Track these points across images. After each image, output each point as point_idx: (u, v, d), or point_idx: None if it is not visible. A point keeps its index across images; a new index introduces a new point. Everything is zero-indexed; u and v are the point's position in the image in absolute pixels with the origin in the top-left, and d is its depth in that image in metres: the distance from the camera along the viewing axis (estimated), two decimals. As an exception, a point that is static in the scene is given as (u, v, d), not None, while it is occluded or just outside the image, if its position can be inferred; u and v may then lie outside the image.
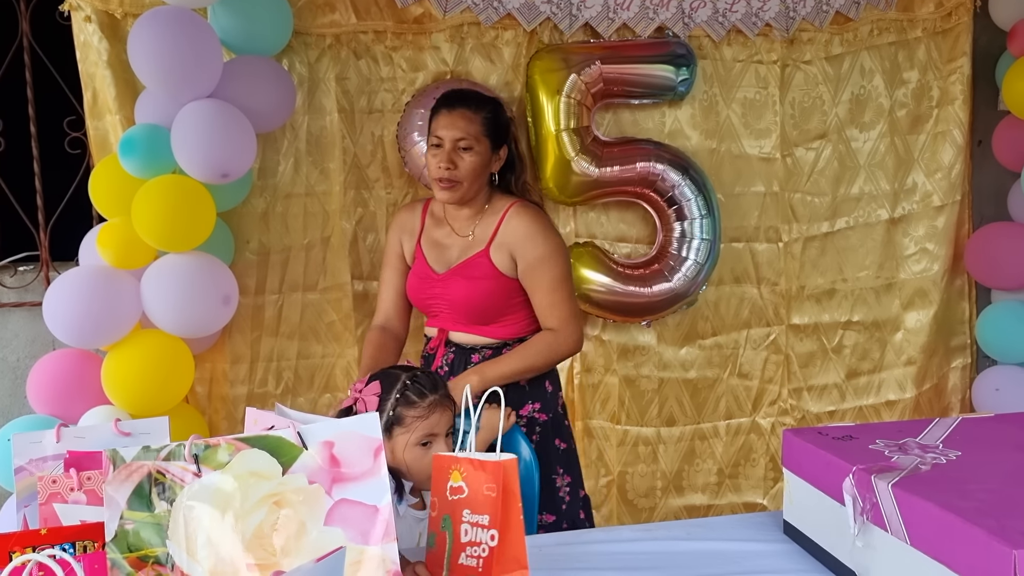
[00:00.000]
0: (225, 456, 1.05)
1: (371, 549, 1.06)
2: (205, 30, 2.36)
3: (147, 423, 1.35)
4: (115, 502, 0.99)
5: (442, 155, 2.19)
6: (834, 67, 3.13)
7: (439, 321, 2.29)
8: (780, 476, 3.23)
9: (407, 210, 2.41)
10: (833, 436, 1.46)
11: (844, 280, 3.23)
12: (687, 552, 1.51)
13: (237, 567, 1.02)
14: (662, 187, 2.93)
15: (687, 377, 3.18)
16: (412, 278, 2.32)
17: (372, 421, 1.09)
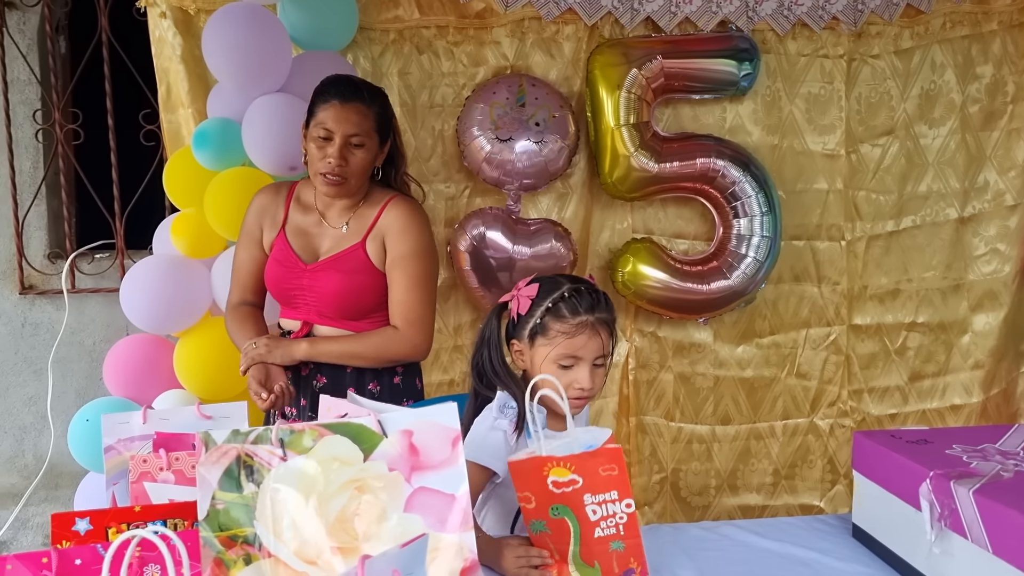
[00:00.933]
0: (309, 441, 1.08)
1: (448, 537, 1.07)
2: (276, 26, 2.41)
3: (227, 407, 1.40)
4: (207, 482, 1.03)
5: (332, 150, 2.06)
6: (903, 61, 3.08)
7: (302, 313, 2.18)
8: (838, 479, 3.19)
9: (268, 194, 2.24)
10: (907, 440, 1.44)
11: (909, 280, 3.17)
12: (755, 551, 1.50)
13: (320, 549, 1.04)
14: (722, 183, 2.91)
15: (743, 376, 3.16)
16: (274, 266, 2.19)
17: (450, 411, 1.11)
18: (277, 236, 2.19)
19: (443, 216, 2.97)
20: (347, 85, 2.14)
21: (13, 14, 3.17)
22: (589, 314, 1.62)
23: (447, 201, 2.98)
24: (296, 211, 2.21)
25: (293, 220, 2.20)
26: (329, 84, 2.14)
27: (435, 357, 3.01)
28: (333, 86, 2.13)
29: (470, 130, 2.82)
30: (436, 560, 1.07)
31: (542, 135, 2.78)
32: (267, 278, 2.20)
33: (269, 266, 2.20)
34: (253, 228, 2.23)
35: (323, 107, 2.08)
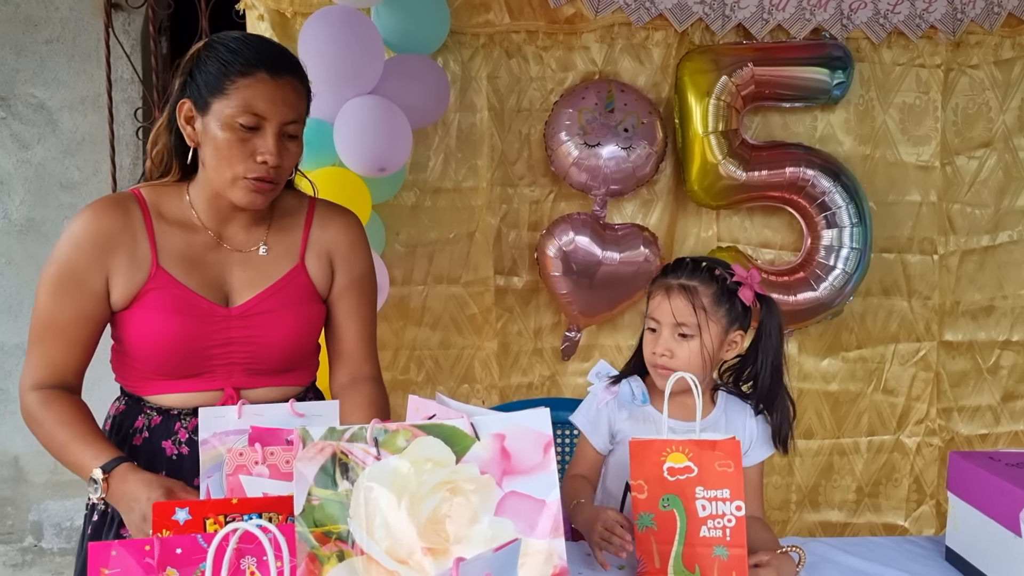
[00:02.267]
0: (403, 441, 1.09)
1: (538, 543, 1.08)
2: (369, 29, 2.45)
3: (319, 406, 1.42)
4: (304, 478, 1.05)
5: (266, 144, 1.47)
6: (1003, 72, 2.98)
7: (220, 380, 1.55)
8: (924, 499, 3.10)
9: (108, 213, 1.51)
10: (1006, 462, 1.40)
11: (1004, 297, 3.07)
12: (843, 569, 1.47)
13: (412, 550, 1.06)
14: (811, 193, 2.86)
15: (828, 389, 3.09)
16: (172, 321, 1.50)
17: (543, 416, 1.12)
18: (151, 276, 1.51)
19: (527, 220, 2.99)
20: (271, 51, 1.53)
21: (119, 15, 3.31)
22: (672, 278, 1.63)
23: (531, 205, 2.99)
24: (166, 234, 1.54)
25: (167, 247, 1.53)
26: (242, 46, 1.49)
27: (515, 359, 3.03)
28: (250, 49, 1.49)
29: (558, 135, 2.83)
30: (525, 566, 1.07)
31: (630, 141, 2.78)
32: (156, 340, 1.51)
33: (155, 322, 1.50)
34: (84, 266, 1.49)
35: (243, 82, 1.46)
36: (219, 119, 1.46)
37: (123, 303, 1.51)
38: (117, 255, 1.50)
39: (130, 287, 1.50)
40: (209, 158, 1.49)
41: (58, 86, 3.31)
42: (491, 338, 3.00)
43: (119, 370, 1.61)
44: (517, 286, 3.02)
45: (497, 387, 3.02)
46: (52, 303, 1.49)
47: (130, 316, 1.51)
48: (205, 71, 1.48)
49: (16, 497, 3.43)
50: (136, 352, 1.53)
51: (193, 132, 1.50)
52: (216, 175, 1.50)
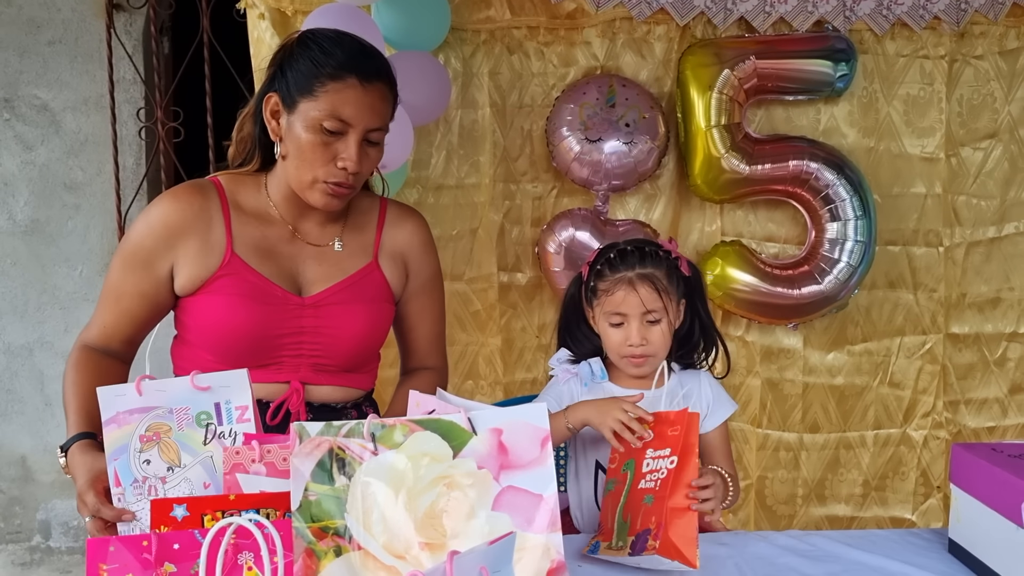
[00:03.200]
0: (400, 436, 1.09)
1: (535, 537, 1.08)
2: (369, 26, 2.45)
3: (224, 376, 1.30)
4: (300, 474, 1.06)
5: (348, 149, 1.48)
6: (1008, 62, 2.96)
7: (287, 372, 1.55)
8: (931, 492, 3.09)
9: (186, 197, 1.54)
10: (1008, 453, 1.39)
11: (1011, 289, 3.05)
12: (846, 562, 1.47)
13: (409, 544, 1.06)
14: (815, 186, 2.85)
15: (833, 383, 3.08)
16: (244, 306, 1.51)
17: (540, 411, 1.12)
18: (224, 262, 1.52)
19: (530, 216, 2.98)
20: (364, 56, 1.53)
21: (120, 16, 3.31)
22: (628, 270, 1.67)
23: (534, 201, 2.99)
24: (242, 223, 1.56)
25: (243, 236, 1.55)
26: (335, 47, 1.50)
27: (519, 355, 3.03)
28: (343, 52, 1.49)
29: (559, 130, 2.82)
30: (523, 560, 1.07)
31: (632, 136, 2.77)
32: (227, 325, 1.50)
33: (227, 307, 1.50)
34: (152, 247, 1.52)
35: (333, 85, 1.46)
36: (304, 119, 1.47)
37: (192, 288, 1.52)
38: (188, 241, 1.51)
39: (200, 272, 1.51)
40: (291, 156, 1.50)
41: (61, 87, 3.32)
42: (495, 334, 3.00)
43: (179, 362, 1.61)
44: (520, 282, 3.02)
45: (501, 383, 3.02)
46: (117, 275, 1.54)
47: (200, 301, 1.52)
48: (296, 69, 1.49)
49: (24, 496, 3.44)
50: (204, 339, 1.53)
51: (277, 127, 1.51)
52: (295, 174, 1.51)
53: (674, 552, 1.33)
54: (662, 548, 1.33)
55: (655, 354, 1.68)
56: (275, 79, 1.52)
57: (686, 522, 1.36)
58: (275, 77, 1.52)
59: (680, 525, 1.35)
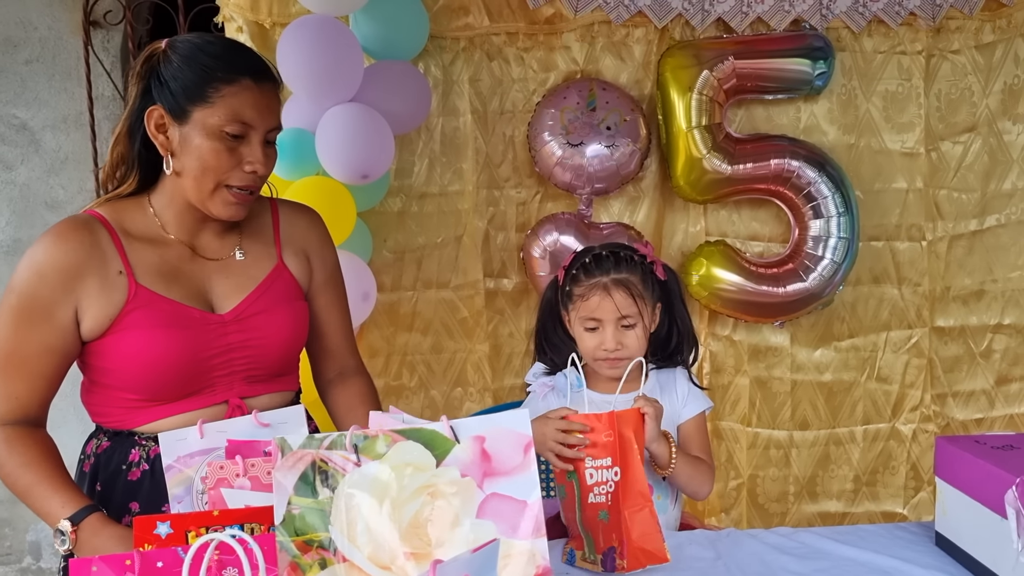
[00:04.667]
0: (383, 447, 1.09)
1: (521, 544, 1.08)
2: (348, 37, 2.45)
3: (283, 413, 1.38)
4: (283, 487, 1.05)
5: (253, 152, 1.44)
6: (985, 56, 2.98)
7: (221, 392, 1.49)
8: (921, 485, 3.10)
9: (70, 237, 1.42)
10: (992, 445, 1.40)
11: (994, 281, 3.06)
12: (835, 558, 1.47)
13: (394, 555, 1.06)
14: (797, 184, 2.86)
15: (822, 380, 3.09)
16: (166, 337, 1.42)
17: (522, 417, 1.12)
18: (131, 296, 1.42)
19: (514, 221, 2.99)
20: (250, 56, 1.49)
21: (98, 33, 3.30)
22: (603, 276, 1.69)
23: (518, 206, 2.99)
24: (137, 250, 1.46)
25: (142, 264, 1.45)
26: (219, 51, 1.44)
27: (507, 361, 3.03)
28: (230, 55, 1.45)
29: (541, 135, 2.83)
30: (508, 567, 1.07)
31: (613, 139, 2.78)
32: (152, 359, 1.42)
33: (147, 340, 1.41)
34: (49, 296, 1.39)
35: (228, 89, 1.40)
36: (203, 128, 1.39)
37: (100, 330, 1.41)
38: (87, 281, 1.40)
39: (107, 311, 1.41)
40: (190, 168, 1.42)
41: (40, 106, 3.31)
42: (482, 341, 3.00)
43: (97, 408, 1.51)
44: (507, 288, 3.02)
45: (490, 389, 3.02)
46: (14, 335, 1.40)
47: (113, 342, 1.41)
48: (180, 77, 1.40)
49: (13, 518, 3.41)
50: (125, 380, 1.44)
51: (167, 141, 1.42)
52: (195, 186, 1.43)
53: (644, 557, 1.40)
54: (631, 562, 1.40)
55: (630, 357, 1.68)
56: (151, 91, 1.42)
57: (643, 519, 1.41)
58: (150, 89, 1.43)
59: (639, 525, 1.40)
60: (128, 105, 1.46)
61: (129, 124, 1.45)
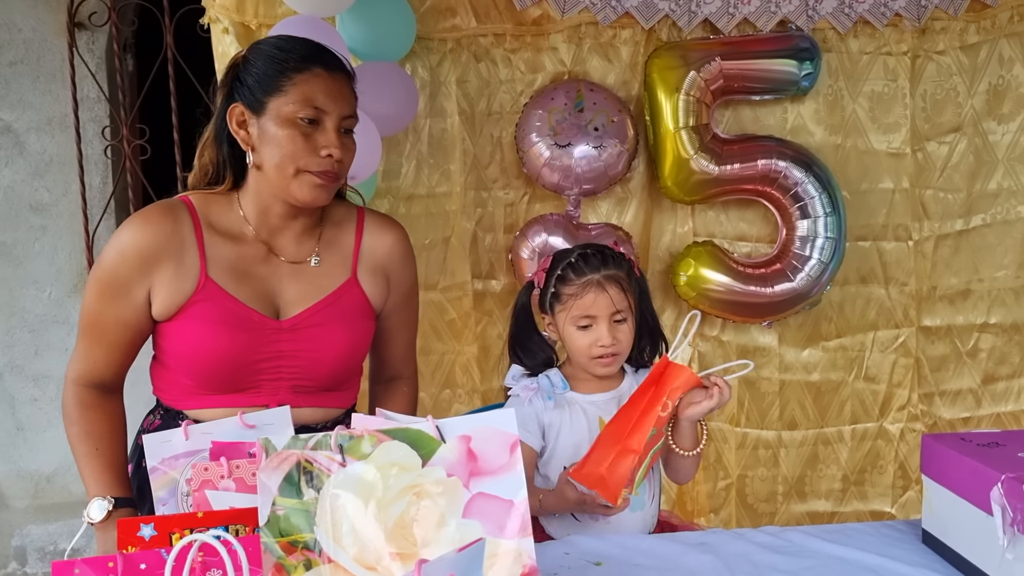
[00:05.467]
0: (368, 447, 1.09)
1: (507, 543, 1.07)
2: (334, 38, 2.44)
3: (269, 414, 1.37)
4: (267, 488, 1.04)
5: (327, 137, 1.47)
6: (970, 57, 3.00)
7: (266, 395, 1.51)
8: (910, 484, 3.11)
9: (158, 220, 1.49)
10: (977, 443, 1.40)
11: (980, 280, 3.08)
12: (822, 557, 1.47)
13: (380, 555, 1.05)
14: (784, 184, 2.86)
15: (810, 380, 3.10)
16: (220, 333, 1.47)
17: (508, 417, 1.11)
18: (199, 287, 1.47)
19: (503, 223, 2.98)
20: (322, 49, 1.54)
21: (83, 34, 3.29)
22: (594, 273, 1.72)
23: (506, 208, 2.99)
24: (216, 244, 1.51)
25: (217, 258, 1.50)
26: (292, 45, 1.52)
27: (496, 363, 3.02)
28: (302, 47, 1.51)
29: (529, 136, 2.83)
30: (495, 566, 1.07)
31: (601, 140, 2.78)
32: (204, 353, 1.48)
33: (203, 334, 1.47)
34: (127, 274, 1.47)
35: (300, 77, 1.46)
36: (278, 116, 1.45)
37: (168, 314, 1.48)
38: (163, 265, 1.47)
39: (176, 298, 1.47)
40: (269, 157, 1.46)
41: (24, 108, 3.29)
42: (471, 342, 2.99)
43: (158, 383, 1.59)
44: (495, 289, 3.01)
45: (479, 391, 3.01)
46: (95, 305, 1.50)
47: (176, 327, 1.48)
48: (255, 74, 1.48)
49: (-1, 523, 3.40)
50: (181, 365, 1.51)
51: (248, 136, 1.48)
52: (278, 173, 1.47)
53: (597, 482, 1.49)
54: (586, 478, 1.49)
55: (623, 352, 1.74)
56: (234, 91, 1.50)
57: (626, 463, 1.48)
58: (233, 90, 1.50)
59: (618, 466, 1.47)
60: (215, 112, 1.53)
61: (216, 129, 1.53)
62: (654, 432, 1.55)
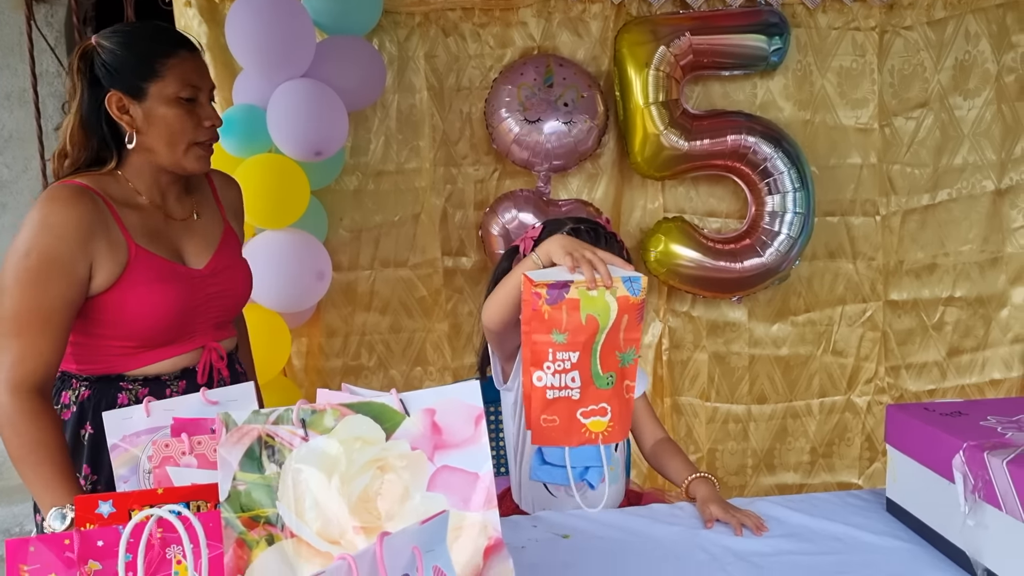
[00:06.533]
0: (331, 421, 1.07)
1: (472, 515, 1.07)
2: (299, 12, 2.40)
3: (233, 390, 1.37)
4: (228, 464, 1.03)
5: (206, 110, 1.63)
6: (937, 32, 3.01)
7: (198, 339, 1.67)
8: (876, 456, 3.15)
9: (81, 204, 1.53)
10: (940, 412, 1.41)
11: (946, 254, 3.11)
12: (788, 525, 1.48)
13: (344, 529, 1.04)
14: (753, 160, 2.87)
15: (779, 354, 3.12)
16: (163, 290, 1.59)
17: (473, 389, 1.10)
18: (132, 255, 1.57)
19: (472, 199, 2.97)
20: (180, 34, 1.68)
21: (40, 8, 3.22)
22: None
23: (476, 184, 2.97)
24: (126, 214, 1.60)
25: (133, 227, 1.60)
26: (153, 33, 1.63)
27: (467, 340, 3.02)
28: (162, 34, 1.64)
29: (498, 112, 2.81)
30: (460, 538, 1.06)
31: (571, 115, 2.76)
32: (153, 311, 1.58)
33: (147, 296, 1.57)
34: (69, 252, 1.50)
35: (172, 62, 1.58)
36: (161, 98, 1.57)
37: (106, 286, 1.55)
38: (98, 241, 1.53)
39: (115, 268, 1.55)
40: (158, 136, 1.59)
41: (-18, 83, 3.23)
42: (442, 320, 2.98)
43: (85, 357, 1.62)
44: (466, 266, 3.00)
45: (450, 368, 3.01)
46: (36, 292, 1.49)
47: (117, 296, 1.56)
48: (127, 62, 1.57)
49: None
50: (123, 329, 1.58)
51: (131, 119, 1.58)
52: (170, 150, 1.60)
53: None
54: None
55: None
56: (99, 81, 1.57)
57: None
58: (98, 80, 1.57)
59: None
60: (76, 99, 1.59)
61: (82, 115, 1.58)
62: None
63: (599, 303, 1.29)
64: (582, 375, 1.30)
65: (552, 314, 1.28)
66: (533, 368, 1.30)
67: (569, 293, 1.29)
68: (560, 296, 1.28)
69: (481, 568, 1.05)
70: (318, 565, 1.03)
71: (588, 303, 1.29)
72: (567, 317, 1.28)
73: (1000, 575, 1.20)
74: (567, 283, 1.29)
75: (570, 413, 1.30)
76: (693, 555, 1.40)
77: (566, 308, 1.28)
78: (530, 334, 1.30)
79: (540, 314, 1.28)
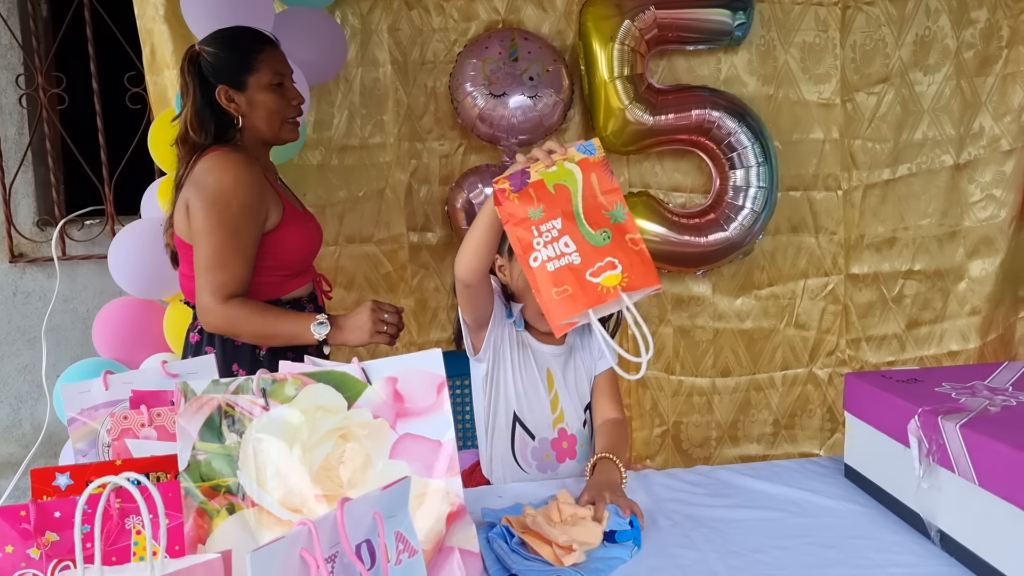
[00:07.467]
0: (292, 390, 1.07)
1: (435, 482, 1.07)
2: (259, -19, 2.36)
3: (194, 363, 1.38)
4: (187, 433, 1.02)
5: (292, 91, 2.02)
6: (898, 8, 3.03)
7: (310, 273, 2.10)
8: (837, 427, 3.20)
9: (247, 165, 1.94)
10: (897, 379, 1.44)
11: (905, 228, 3.15)
12: (748, 492, 1.50)
13: (305, 497, 1.04)
14: (718, 135, 2.88)
15: (742, 327, 3.15)
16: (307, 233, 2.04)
17: (435, 357, 1.10)
18: (285, 202, 2.00)
19: (438, 174, 2.95)
20: (259, 32, 2.04)
21: (-6, -21, 3.14)
22: None
23: (441, 159, 2.95)
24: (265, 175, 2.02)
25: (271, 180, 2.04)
26: (243, 33, 2.02)
27: (433, 315, 3.01)
28: (251, 33, 2.02)
29: (463, 86, 2.79)
30: (423, 505, 1.06)
31: (536, 90, 2.75)
32: (300, 248, 2.01)
33: (301, 235, 2.01)
34: (258, 200, 1.92)
35: (262, 55, 1.97)
36: (259, 87, 1.96)
37: (272, 226, 1.94)
38: (268, 191, 1.95)
39: (277, 213, 1.96)
40: (260, 117, 1.98)
41: (-67, 57, 3.14)
42: (407, 295, 2.97)
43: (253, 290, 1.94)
44: (431, 242, 2.99)
45: (416, 343, 3.00)
46: (237, 233, 1.87)
47: (280, 233, 1.95)
48: (227, 63, 1.95)
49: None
50: (283, 262, 1.97)
51: (237, 106, 1.96)
52: (270, 126, 2.00)
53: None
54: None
55: None
56: (208, 80, 1.95)
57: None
58: (206, 79, 1.95)
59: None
60: (190, 95, 1.96)
61: (196, 107, 1.95)
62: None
63: (561, 172, 1.36)
64: (574, 239, 1.32)
65: (521, 199, 1.34)
66: (526, 254, 1.32)
67: (531, 178, 1.36)
68: (523, 181, 1.35)
69: (444, 534, 1.05)
70: (280, 533, 1.02)
71: (551, 177, 1.36)
72: (536, 194, 1.34)
73: (952, 535, 1.23)
74: (524, 169, 1.37)
75: (578, 277, 1.30)
76: (656, 522, 1.41)
77: (533, 189, 1.35)
78: (512, 226, 1.34)
79: (513, 205, 1.34)
